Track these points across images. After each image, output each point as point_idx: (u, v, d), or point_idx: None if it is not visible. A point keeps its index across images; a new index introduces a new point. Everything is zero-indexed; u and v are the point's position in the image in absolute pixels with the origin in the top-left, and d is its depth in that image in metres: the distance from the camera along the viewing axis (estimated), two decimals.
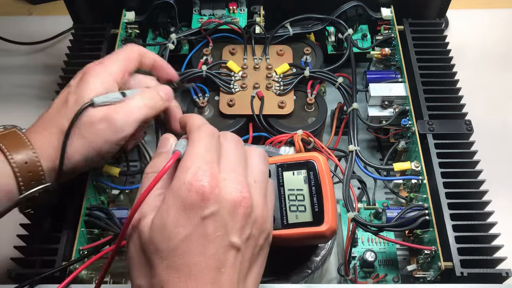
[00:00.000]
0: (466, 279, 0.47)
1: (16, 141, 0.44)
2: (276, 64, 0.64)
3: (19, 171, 0.43)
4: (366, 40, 0.69)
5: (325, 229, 0.43)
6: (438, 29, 0.68)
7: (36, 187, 0.45)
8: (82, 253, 0.50)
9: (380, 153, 0.68)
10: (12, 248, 0.50)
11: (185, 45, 0.69)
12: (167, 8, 0.67)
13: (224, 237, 0.35)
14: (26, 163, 0.44)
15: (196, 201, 0.34)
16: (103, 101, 0.47)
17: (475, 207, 0.52)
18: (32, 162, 0.44)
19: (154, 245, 0.34)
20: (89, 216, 0.52)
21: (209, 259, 0.34)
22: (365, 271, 0.54)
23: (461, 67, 0.64)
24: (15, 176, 0.43)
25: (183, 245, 0.34)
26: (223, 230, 0.34)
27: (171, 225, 0.34)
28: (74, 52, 0.67)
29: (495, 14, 0.87)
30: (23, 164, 0.43)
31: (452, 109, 0.59)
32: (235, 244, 0.35)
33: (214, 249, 0.34)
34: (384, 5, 0.69)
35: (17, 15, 0.89)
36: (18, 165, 0.43)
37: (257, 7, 0.69)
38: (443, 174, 0.53)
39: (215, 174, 0.35)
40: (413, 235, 0.56)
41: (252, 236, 0.36)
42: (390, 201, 0.61)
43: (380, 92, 0.61)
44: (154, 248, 0.34)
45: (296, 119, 0.61)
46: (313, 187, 0.45)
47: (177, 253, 0.34)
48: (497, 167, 0.61)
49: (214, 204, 0.34)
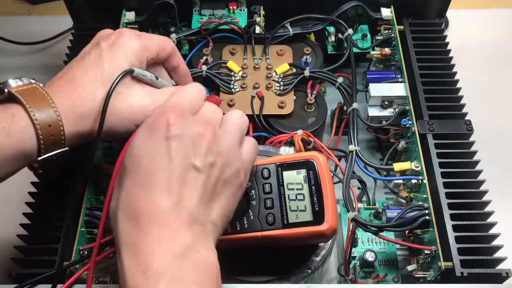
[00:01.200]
0: (466, 279, 0.47)
1: (39, 99, 0.41)
2: (276, 64, 0.64)
3: (42, 134, 0.40)
4: (366, 40, 0.69)
5: (326, 229, 0.43)
6: (438, 29, 0.68)
7: (55, 150, 0.42)
8: (82, 253, 0.50)
9: (380, 153, 0.68)
10: (12, 248, 0.50)
11: (185, 45, 0.69)
12: (167, 8, 0.67)
13: (186, 157, 0.37)
14: (50, 126, 0.41)
15: (162, 126, 0.38)
16: (142, 74, 0.45)
17: (475, 207, 0.52)
18: (55, 125, 0.41)
19: (123, 165, 0.38)
20: (89, 216, 0.52)
21: (170, 173, 0.36)
22: (365, 271, 0.54)
23: (461, 67, 0.64)
24: (37, 138, 0.41)
25: (146, 160, 0.37)
26: (185, 151, 0.37)
27: (137, 144, 0.38)
28: (74, 52, 0.67)
29: (495, 14, 0.87)
30: (47, 126, 0.41)
31: (452, 109, 0.59)
32: (197, 166, 0.37)
33: (175, 165, 0.37)
34: (384, 5, 0.69)
35: (17, 15, 0.89)
36: (42, 127, 0.40)
37: (257, 7, 0.69)
38: (443, 174, 0.53)
39: (184, 113, 0.39)
40: (413, 235, 0.56)
41: (216, 165, 0.39)
42: (390, 201, 0.61)
43: (380, 92, 0.61)
44: (122, 167, 0.38)
45: (296, 119, 0.61)
46: (313, 187, 0.45)
47: (141, 167, 0.37)
48: (497, 167, 0.61)
49: (178, 129, 0.38)
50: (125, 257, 0.35)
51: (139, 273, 0.34)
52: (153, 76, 0.47)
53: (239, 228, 0.45)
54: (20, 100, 0.41)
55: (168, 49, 0.50)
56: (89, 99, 0.43)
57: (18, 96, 0.41)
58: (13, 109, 0.41)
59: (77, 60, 0.46)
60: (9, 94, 0.41)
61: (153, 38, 0.49)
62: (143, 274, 0.33)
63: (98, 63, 0.45)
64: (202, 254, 0.36)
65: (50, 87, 0.44)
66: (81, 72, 0.44)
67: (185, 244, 0.35)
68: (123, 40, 0.46)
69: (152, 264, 0.34)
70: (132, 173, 0.37)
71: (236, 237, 0.44)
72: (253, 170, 0.47)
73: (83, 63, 0.45)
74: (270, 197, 0.46)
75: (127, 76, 0.45)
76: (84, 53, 0.47)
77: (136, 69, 0.45)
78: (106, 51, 0.45)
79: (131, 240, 0.35)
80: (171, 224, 0.35)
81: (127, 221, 0.36)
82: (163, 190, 0.36)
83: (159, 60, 0.50)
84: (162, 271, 0.33)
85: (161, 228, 0.35)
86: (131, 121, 0.45)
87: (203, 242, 0.37)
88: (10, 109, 0.41)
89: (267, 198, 0.45)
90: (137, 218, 0.35)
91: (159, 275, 0.33)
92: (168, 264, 0.34)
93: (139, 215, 0.35)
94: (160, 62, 0.51)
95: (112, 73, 0.44)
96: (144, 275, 0.33)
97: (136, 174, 0.37)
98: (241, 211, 0.45)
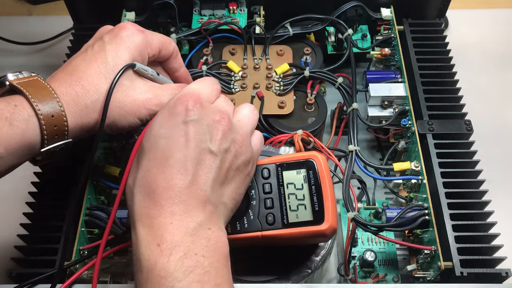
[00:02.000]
0: (466, 279, 0.47)
1: (41, 90, 0.41)
2: (276, 64, 0.64)
3: (45, 124, 0.40)
4: (366, 40, 0.69)
5: (326, 228, 0.43)
6: (438, 29, 0.68)
7: (58, 142, 0.42)
8: (82, 253, 0.50)
9: (380, 153, 0.68)
10: (12, 248, 0.50)
11: (185, 45, 0.69)
12: (167, 8, 0.67)
13: (202, 141, 0.39)
14: (53, 117, 0.41)
15: (181, 111, 0.39)
16: (143, 68, 0.46)
17: (475, 207, 0.52)
18: (58, 116, 0.41)
19: (141, 146, 0.39)
20: (89, 216, 0.52)
21: (187, 155, 0.38)
22: (365, 271, 0.54)
23: (461, 67, 0.64)
24: (40, 129, 0.41)
25: (164, 141, 0.38)
26: (202, 136, 0.39)
27: (155, 127, 0.39)
28: (74, 52, 0.66)
29: (495, 14, 0.87)
30: (50, 117, 0.41)
31: (452, 109, 0.59)
32: (212, 150, 0.39)
33: (192, 148, 0.38)
34: (384, 5, 0.69)
35: (17, 15, 0.89)
36: (45, 118, 0.40)
37: (257, 7, 0.69)
38: (443, 174, 0.53)
39: (202, 101, 0.40)
40: (413, 235, 0.56)
41: (230, 151, 0.40)
42: (390, 201, 0.61)
43: (380, 92, 0.61)
44: (141, 148, 0.39)
45: (296, 119, 0.61)
46: (313, 186, 0.45)
47: (158, 147, 0.38)
48: (497, 167, 0.62)
49: (196, 115, 0.39)
50: (140, 230, 0.36)
51: (154, 245, 0.35)
52: (154, 72, 0.48)
53: (239, 228, 0.45)
54: (22, 91, 0.41)
55: (170, 49, 0.50)
56: (93, 91, 0.44)
57: (20, 87, 0.41)
58: (15, 100, 0.40)
59: (79, 54, 0.46)
60: (10, 86, 0.41)
61: (156, 35, 0.49)
62: (158, 247, 0.35)
63: (101, 55, 0.45)
64: (213, 231, 0.37)
65: (52, 79, 0.44)
66: (84, 64, 0.45)
67: (198, 221, 0.37)
68: (126, 33, 0.46)
69: (166, 237, 0.35)
70: (150, 153, 0.38)
71: (236, 237, 0.44)
72: None
73: (86, 56, 0.45)
74: (270, 197, 0.46)
75: (129, 69, 0.45)
76: (86, 47, 0.47)
77: (138, 63, 0.45)
78: (109, 44, 0.46)
79: (147, 214, 0.37)
80: (185, 202, 0.37)
81: (144, 197, 0.37)
82: (179, 169, 0.37)
83: (160, 59, 0.50)
84: (176, 244, 0.35)
85: (176, 205, 0.36)
86: (134, 114, 0.45)
87: (214, 221, 0.38)
88: (13, 100, 0.40)
89: (267, 198, 0.46)
90: (153, 194, 0.37)
91: (173, 247, 0.35)
92: (182, 238, 0.35)
93: (155, 191, 0.37)
94: (160, 61, 0.51)
95: (115, 66, 0.45)
96: (159, 248, 0.35)
97: (153, 154, 0.38)
98: (241, 211, 0.45)
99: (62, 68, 0.45)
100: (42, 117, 0.40)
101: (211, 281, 0.35)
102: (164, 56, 0.50)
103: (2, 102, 0.40)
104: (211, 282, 0.35)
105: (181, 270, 0.34)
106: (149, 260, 0.35)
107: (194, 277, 0.34)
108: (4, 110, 0.39)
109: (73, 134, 0.43)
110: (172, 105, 0.40)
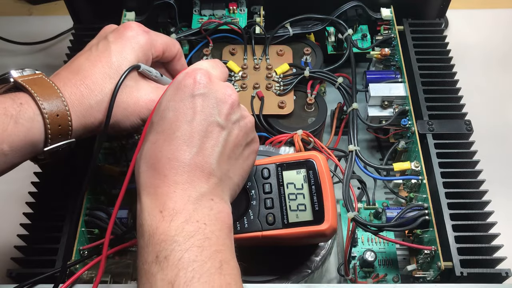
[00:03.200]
0: (466, 279, 0.47)
1: (46, 88, 0.41)
2: (276, 64, 0.64)
3: (50, 123, 0.40)
4: (366, 40, 0.69)
5: (326, 228, 0.43)
6: (438, 29, 0.68)
7: (61, 141, 0.42)
8: (82, 253, 0.50)
9: (380, 153, 0.68)
10: (12, 248, 0.50)
11: (185, 45, 0.69)
12: (167, 8, 0.67)
13: (211, 114, 0.39)
14: (58, 116, 0.41)
15: (189, 84, 0.39)
16: (148, 70, 0.46)
17: (475, 207, 0.52)
18: (63, 115, 0.41)
19: (150, 122, 0.40)
20: (89, 216, 0.52)
21: (193, 127, 0.38)
22: (365, 271, 0.54)
23: (461, 67, 0.64)
24: (45, 128, 0.40)
25: (171, 113, 0.38)
26: (210, 109, 0.39)
27: (164, 100, 0.40)
28: (74, 52, 0.67)
29: (495, 14, 0.87)
30: (55, 116, 0.40)
31: (452, 109, 0.59)
32: (220, 123, 0.39)
33: (200, 120, 0.38)
34: (384, 5, 0.69)
35: (17, 15, 0.89)
36: (50, 116, 0.40)
37: (257, 7, 0.69)
38: (443, 174, 0.53)
39: (211, 76, 0.40)
40: (413, 235, 0.56)
41: (238, 126, 0.41)
42: (390, 201, 0.61)
43: (380, 92, 0.61)
44: (150, 123, 0.40)
45: (296, 119, 0.61)
46: (313, 186, 0.45)
47: (166, 120, 0.38)
48: (497, 167, 0.62)
49: (205, 89, 0.39)
50: (144, 199, 0.37)
51: (157, 212, 0.36)
52: (158, 73, 0.48)
53: (239, 228, 0.45)
54: (28, 89, 0.40)
55: (174, 50, 0.50)
56: (97, 91, 0.43)
57: (25, 85, 0.40)
58: (20, 98, 0.40)
59: (83, 52, 0.46)
60: (15, 84, 0.41)
61: (161, 36, 0.49)
62: (160, 213, 0.36)
63: (106, 55, 0.45)
64: (215, 202, 0.38)
65: (57, 78, 0.43)
66: (89, 64, 0.44)
67: (201, 191, 0.37)
68: (131, 33, 0.46)
69: (169, 204, 0.36)
70: (157, 126, 0.39)
71: (236, 237, 0.44)
72: (253, 170, 0.47)
73: (90, 55, 0.45)
74: (270, 197, 0.46)
75: (134, 71, 0.45)
76: (91, 46, 0.47)
77: (142, 64, 0.45)
78: (114, 43, 0.45)
79: (151, 183, 0.37)
80: (189, 172, 0.37)
81: (149, 167, 0.38)
82: (185, 141, 0.38)
83: (164, 60, 0.50)
84: (177, 211, 0.36)
85: (180, 175, 0.37)
86: (137, 115, 0.45)
87: (218, 193, 0.39)
88: (18, 98, 0.40)
89: (267, 198, 0.46)
90: (158, 164, 0.37)
91: (174, 213, 0.35)
92: (184, 205, 0.36)
93: (160, 161, 0.37)
94: (164, 62, 0.51)
95: (119, 66, 0.44)
96: (161, 214, 0.36)
97: (160, 126, 0.39)
98: (241, 211, 0.45)
99: (66, 66, 0.45)
100: (47, 116, 0.40)
101: (212, 247, 0.35)
102: (167, 57, 0.50)
103: (8, 99, 0.40)
104: (212, 248, 0.35)
105: (181, 235, 0.35)
106: (151, 225, 0.35)
107: (194, 241, 0.35)
108: (10, 107, 0.39)
109: (77, 134, 0.43)
110: (181, 79, 0.40)
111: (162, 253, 0.34)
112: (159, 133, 0.38)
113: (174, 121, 0.38)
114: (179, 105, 0.39)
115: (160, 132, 0.38)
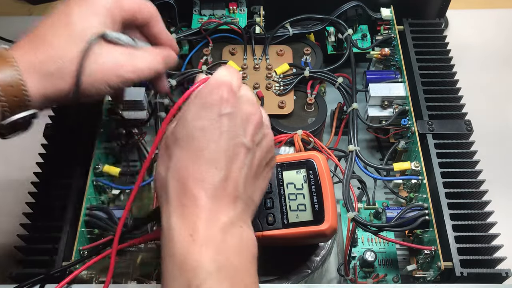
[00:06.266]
0: (466, 279, 0.47)
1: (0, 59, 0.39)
2: (276, 64, 0.64)
3: (4, 95, 0.38)
4: (366, 40, 0.69)
5: (326, 228, 0.43)
6: (438, 29, 0.68)
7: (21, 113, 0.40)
8: (82, 253, 0.50)
9: (380, 153, 0.68)
10: (12, 248, 0.50)
11: (185, 45, 0.69)
12: (167, 8, 0.67)
13: (237, 135, 0.38)
14: (12, 87, 0.38)
15: (216, 101, 0.37)
16: (116, 37, 0.43)
17: (475, 207, 0.52)
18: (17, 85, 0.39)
19: (174, 136, 0.38)
20: (89, 216, 0.52)
21: (221, 148, 0.37)
22: (365, 271, 0.54)
23: (461, 67, 0.64)
24: None
25: (198, 133, 0.37)
26: (236, 129, 0.38)
27: (190, 118, 0.38)
28: None
29: (495, 14, 0.87)
30: (8, 87, 0.38)
31: (452, 109, 0.59)
32: (246, 145, 0.38)
33: (227, 140, 0.37)
34: (384, 5, 0.69)
35: (17, 15, 0.89)
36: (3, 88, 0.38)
37: (257, 7, 0.69)
38: (443, 174, 0.53)
39: (234, 90, 0.38)
40: (413, 235, 0.56)
41: (261, 145, 0.40)
42: (390, 201, 0.61)
43: (380, 92, 0.61)
44: (174, 138, 0.38)
45: (296, 119, 0.61)
46: (313, 186, 0.45)
47: (193, 139, 0.37)
48: (497, 167, 0.61)
49: (231, 107, 0.38)
50: (173, 217, 0.36)
51: (186, 234, 0.35)
52: (129, 39, 0.44)
53: None
54: None
55: (145, 12, 0.46)
56: (57, 57, 0.41)
57: None
58: None
59: (45, 19, 0.43)
60: None
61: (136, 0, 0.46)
62: (190, 237, 0.35)
63: (67, 20, 0.42)
64: (244, 230, 0.37)
65: (14, 47, 0.41)
66: (50, 29, 0.42)
67: (230, 218, 0.36)
68: None
69: (199, 228, 0.35)
70: (183, 143, 0.38)
71: None
72: None
73: (50, 21, 0.42)
74: (270, 197, 0.46)
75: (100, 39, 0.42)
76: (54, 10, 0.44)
77: (109, 32, 0.42)
78: (76, 7, 0.43)
79: (179, 201, 0.36)
80: (218, 196, 0.36)
81: (177, 184, 0.37)
82: (213, 163, 0.37)
83: (137, 24, 0.47)
84: (209, 238, 0.35)
85: (208, 198, 0.36)
86: (104, 82, 0.43)
87: (245, 218, 0.38)
88: None
89: (267, 198, 0.46)
90: (186, 184, 0.36)
91: (206, 241, 0.35)
92: (215, 233, 0.35)
93: (189, 181, 0.36)
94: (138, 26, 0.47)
95: (82, 31, 0.42)
96: (191, 238, 0.35)
97: (187, 145, 0.37)
98: None
99: (28, 34, 0.42)
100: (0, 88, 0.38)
101: (242, 282, 0.35)
102: (140, 21, 0.47)
103: None
104: (241, 283, 0.35)
105: (213, 265, 0.34)
106: (182, 248, 0.35)
107: (225, 274, 0.34)
108: None
109: (38, 104, 0.41)
110: (207, 94, 0.38)
111: (194, 281, 0.33)
112: (186, 151, 0.37)
113: (201, 140, 0.37)
114: (206, 123, 0.37)
115: (187, 150, 0.37)
